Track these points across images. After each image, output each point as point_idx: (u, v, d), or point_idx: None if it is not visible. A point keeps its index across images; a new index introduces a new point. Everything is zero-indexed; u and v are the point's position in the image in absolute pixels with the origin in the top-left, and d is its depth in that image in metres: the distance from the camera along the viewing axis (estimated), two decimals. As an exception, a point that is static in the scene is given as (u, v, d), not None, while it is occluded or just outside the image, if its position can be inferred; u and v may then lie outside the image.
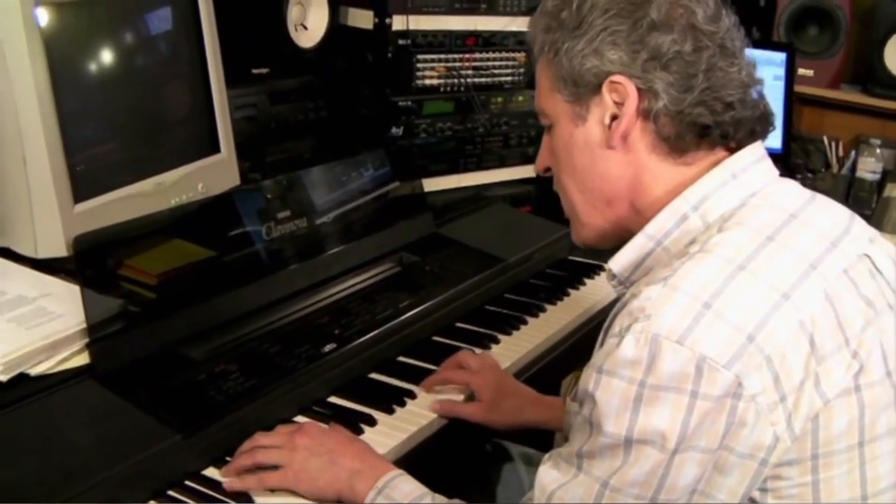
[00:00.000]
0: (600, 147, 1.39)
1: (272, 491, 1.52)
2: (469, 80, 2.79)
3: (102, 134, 1.88)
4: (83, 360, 1.65)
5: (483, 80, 2.83)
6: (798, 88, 3.58)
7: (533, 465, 1.99)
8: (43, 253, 1.81)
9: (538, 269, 2.48)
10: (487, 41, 2.81)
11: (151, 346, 1.70)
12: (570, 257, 2.60)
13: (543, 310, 2.25)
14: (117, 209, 1.85)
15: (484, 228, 2.56)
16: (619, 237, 1.46)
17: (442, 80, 2.74)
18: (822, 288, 1.25)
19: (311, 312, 1.97)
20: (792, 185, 1.41)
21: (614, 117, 1.36)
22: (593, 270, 2.50)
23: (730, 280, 1.21)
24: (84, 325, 1.65)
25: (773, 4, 3.79)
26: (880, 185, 3.53)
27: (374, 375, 1.88)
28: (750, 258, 1.24)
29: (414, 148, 2.67)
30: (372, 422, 1.71)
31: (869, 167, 3.56)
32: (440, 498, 1.48)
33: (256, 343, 1.81)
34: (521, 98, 2.94)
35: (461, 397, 1.85)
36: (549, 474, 1.31)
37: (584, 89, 1.38)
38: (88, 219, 1.79)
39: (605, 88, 1.36)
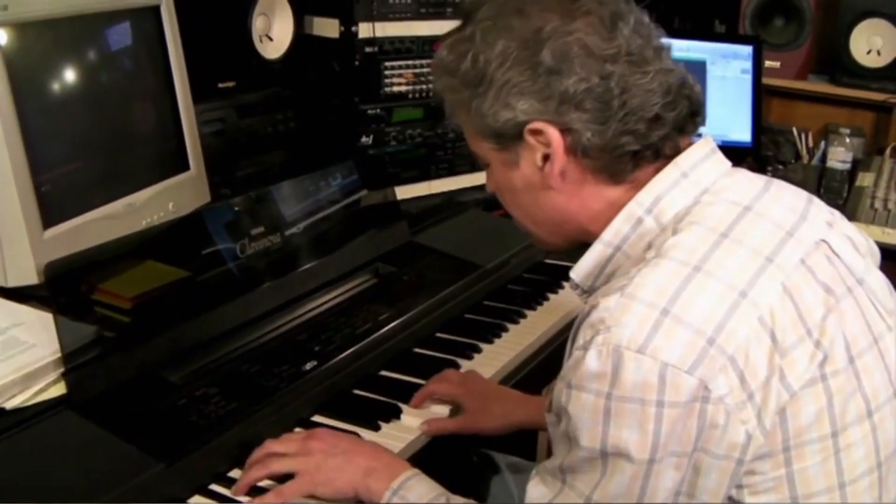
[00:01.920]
0: (540, 188, 1.38)
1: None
2: (438, 85, 2.75)
3: (69, 156, 1.84)
4: (59, 390, 1.61)
5: (452, 84, 2.79)
6: (765, 80, 3.58)
7: (521, 472, 1.97)
8: (13, 281, 1.76)
9: (516, 274, 2.45)
10: (454, 45, 2.77)
11: (129, 372, 1.66)
12: (547, 260, 2.57)
13: (524, 315, 2.22)
14: (88, 233, 1.81)
15: (459, 235, 2.53)
16: (580, 243, 1.45)
17: (410, 87, 2.71)
18: (779, 281, 1.24)
19: (289, 329, 1.93)
20: (745, 176, 1.40)
21: (546, 157, 1.34)
22: (571, 273, 2.47)
23: (686, 283, 1.21)
24: (59, 355, 1.61)
25: (738, -3, 3.79)
26: (851, 174, 3.53)
27: (357, 391, 1.85)
28: (705, 258, 1.23)
29: (385, 156, 2.63)
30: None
31: (839, 157, 3.55)
32: (456, 498, 1.47)
33: (236, 364, 1.78)
34: (490, 101, 2.89)
35: (446, 412, 1.82)
36: (537, 490, 1.32)
37: (506, 138, 1.36)
38: (59, 244, 1.75)
39: (526, 135, 1.34)
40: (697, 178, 1.35)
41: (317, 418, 1.74)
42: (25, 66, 1.72)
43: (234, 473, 1.57)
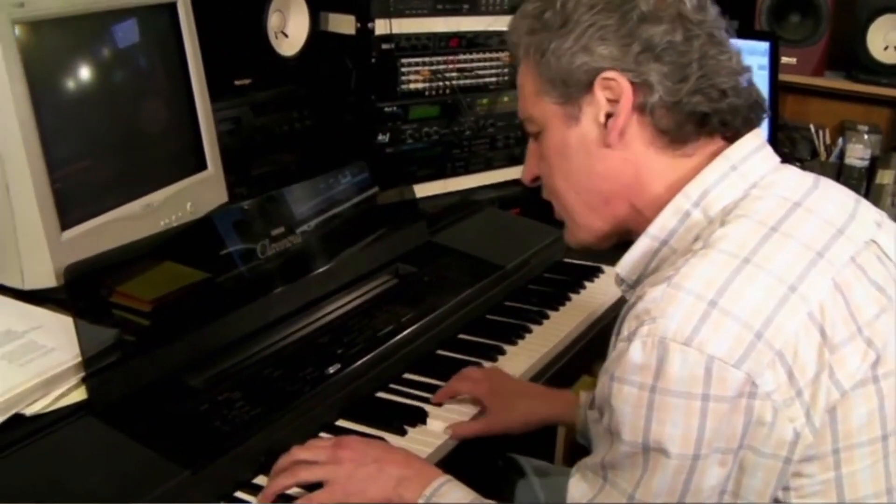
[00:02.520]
0: (597, 146, 1.35)
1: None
2: (454, 82, 2.72)
3: (87, 157, 1.80)
4: (80, 395, 1.57)
5: (468, 81, 2.77)
6: (781, 77, 3.53)
7: (546, 476, 1.93)
8: (31, 284, 1.73)
9: (536, 274, 2.41)
10: (471, 42, 2.76)
11: (150, 377, 1.62)
12: (566, 259, 2.53)
13: (546, 316, 2.18)
14: (106, 234, 1.78)
15: (478, 234, 2.50)
16: (618, 237, 1.44)
17: (427, 84, 2.67)
18: (830, 276, 1.21)
19: (310, 332, 1.89)
20: (794, 172, 1.37)
21: (609, 115, 1.32)
22: (592, 273, 2.44)
23: (734, 275, 1.18)
24: (79, 359, 1.57)
25: (753, -7, 3.76)
26: (869, 171, 3.49)
27: (381, 395, 1.82)
28: (754, 251, 1.20)
29: (401, 154, 2.59)
30: (385, 445, 1.64)
31: (857, 154, 3.51)
32: (490, 502, 1.44)
33: (257, 367, 1.74)
34: (506, 98, 2.87)
35: (471, 413, 1.79)
36: (578, 488, 1.29)
37: (574, 89, 1.33)
38: (77, 246, 1.72)
39: (596, 86, 1.32)
40: (746, 171, 1.32)
41: (341, 423, 1.71)
42: (42, 64, 1.68)
43: (260, 480, 1.53)
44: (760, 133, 1.38)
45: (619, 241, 1.43)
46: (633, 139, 1.33)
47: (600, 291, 2.37)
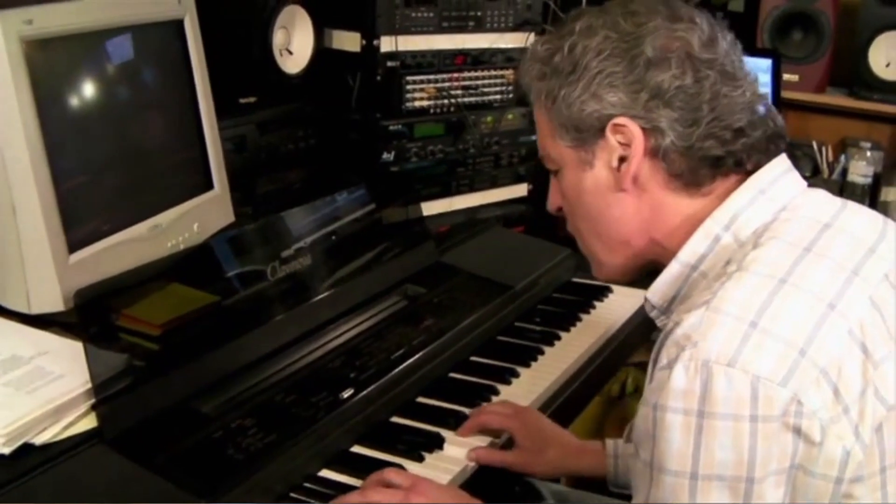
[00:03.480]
0: (611, 190, 1.35)
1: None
2: (459, 99, 2.68)
3: (94, 177, 1.76)
4: (89, 423, 1.53)
5: (473, 99, 2.74)
6: (784, 94, 3.52)
7: (565, 501, 1.90)
8: (37, 308, 1.68)
9: (546, 295, 2.38)
10: (476, 59, 2.72)
11: (161, 403, 1.58)
12: (576, 279, 2.50)
13: (558, 337, 2.15)
14: (113, 256, 1.73)
15: (486, 254, 2.46)
16: (644, 269, 1.44)
17: (432, 102, 2.64)
18: (867, 294, 1.21)
19: (322, 355, 1.85)
20: (821, 195, 1.37)
21: (622, 159, 1.32)
22: (602, 292, 2.41)
23: (773, 296, 1.17)
24: (88, 386, 1.53)
25: (755, 11, 3.74)
26: (872, 188, 3.47)
27: (396, 420, 1.78)
28: (790, 271, 1.20)
29: (409, 173, 2.56)
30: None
31: (860, 171, 3.50)
32: None
33: (270, 393, 1.70)
34: (510, 116, 2.84)
35: (490, 441, 1.74)
36: None
37: (586, 134, 1.34)
38: (84, 269, 1.68)
39: (608, 131, 1.32)
40: (775, 194, 1.31)
41: (357, 449, 1.67)
42: (50, 82, 1.64)
43: (277, 511, 1.49)
44: (785, 158, 1.37)
45: (645, 273, 1.42)
46: (647, 182, 1.33)
47: (611, 311, 2.33)
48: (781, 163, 1.35)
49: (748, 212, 1.30)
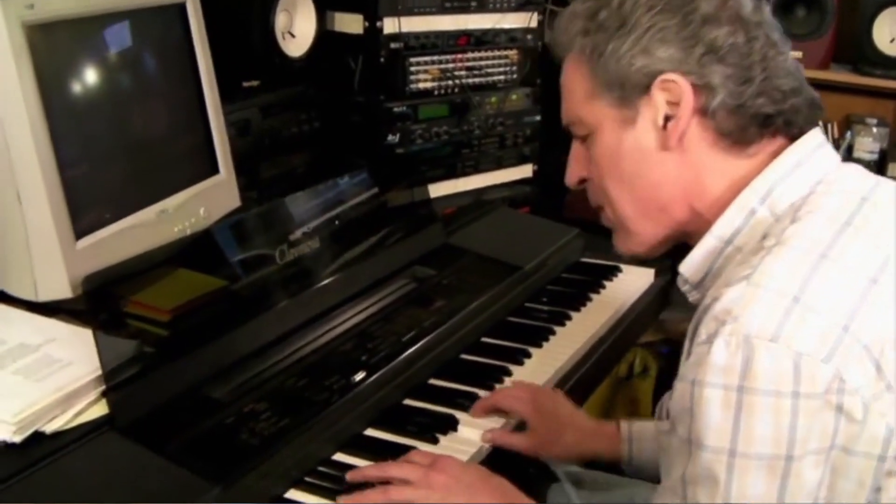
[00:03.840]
0: (654, 150, 1.32)
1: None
2: (463, 80, 2.66)
3: (100, 163, 1.73)
4: (100, 410, 1.51)
5: (476, 80, 2.72)
6: (788, 70, 3.49)
7: (580, 482, 1.89)
8: (44, 296, 1.66)
9: (555, 275, 2.37)
10: (479, 40, 2.69)
11: (172, 389, 1.56)
12: (584, 259, 2.49)
13: (569, 317, 2.13)
14: (121, 243, 1.71)
15: (493, 235, 2.45)
16: (673, 242, 1.41)
17: (436, 83, 2.62)
18: None
19: (332, 339, 1.83)
20: (855, 169, 1.35)
21: (668, 117, 1.29)
22: (611, 272, 2.40)
23: (814, 270, 1.15)
24: (98, 373, 1.51)
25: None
26: (879, 164, 3.45)
27: (409, 402, 1.76)
28: (830, 246, 1.18)
29: (414, 155, 2.54)
30: (417, 455, 1.59)
31: (866, 147, 3.48)
32: None
33: (281, 377, 1.68)
34: (514, 97, 2.82)
35: (504, 423, 1.73)
36: None
37: (631, 91, 1.31)
38: (92, 255, 1.65)
39: (655, 88, 1.29)
40: (811, 167, 1.29)
41: (371, 432, 1.66)
42: (53, 67, 1.62)
43: (292, 494, 1.48)
44: (820, 132, 1.35)
45: (674, 247, 1.40)
46: (693, 142, 1.30)
47: (621, 291, 2.32)
48: (816, 136, 1.33)
49: (784, 184, 1.27)
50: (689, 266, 1.36)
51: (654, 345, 3.34)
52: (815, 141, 1.32)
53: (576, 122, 1.39)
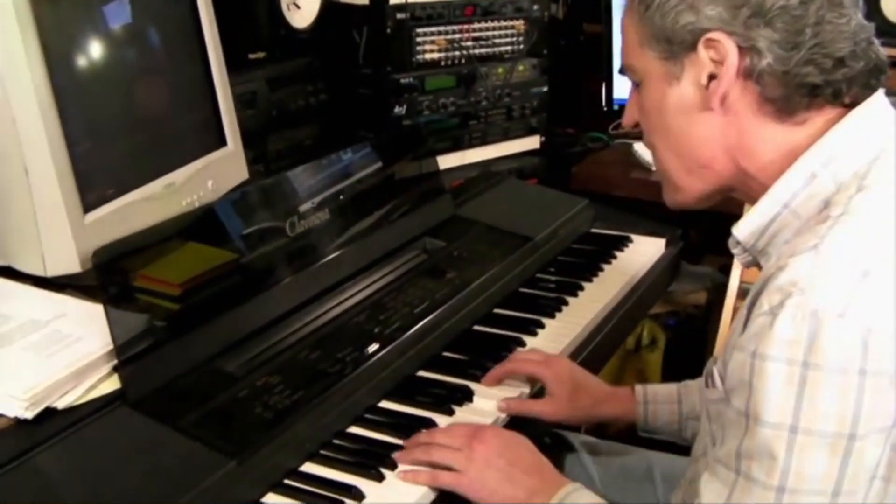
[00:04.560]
0: (696, 109, 1.28)
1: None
2: (470, 51, 2.63)
3: (107, 136, 1.72)
4: (112, 385, 1.49)
5: (483, 51, 2.69)
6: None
7: (598, 453, 1.87)
8: (53, 270, 1.65)
9: (565, 246, 2.34)
10: (486, 10, 2.67)
11: (184, 363, 1.54)
12: (594, 230, 2.47)
13: (581, 288, 2.11)
14: (129, 216, 1.70)
15: (502, 206, 2.42)
16: (719, 196, 1.37)
17: (442, 54, 2.59)
18: None
19: (344, 311, 1.81)
20: None
21: (712, 77, 1.25)
22: (621, 242, 2.37)
23: (884, 244, 1.11)
24: (109, 347, 1.49)
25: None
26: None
27: (423, 374, 1.74)
28: None
29: (421, 126, 2.52)
30: (432, 427, 1.57)
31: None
32: None
33: (294, 350, 1.66)
34: (522, 67, 2.80)
35: (522, 392, 1.71)
36: (710, 488, 1.19)
37: (677, 47, 1.27)
38: (100, 229, 1.64)
39: (700, 46, 1.25)
40: (875, 134, 1.24)
41: (385, 404, 1.64)
42: (59, 40, 1.60)
43: (308, 468, 1.46)
44: (883, 95, 1.29)
45: (720, 203, 1.37)
46: (736, 105, 1.26)
47: (632, 261, 2.30)
48: (880, 100, 1.27)
49: (847, 151, 1.22)
50: (744, 229, 1.31)
51: (661, 317, 3.33)
52: (879, 105, 1.26)
53: (629, 68, 1.36)
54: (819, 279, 1.08)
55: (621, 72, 1.41)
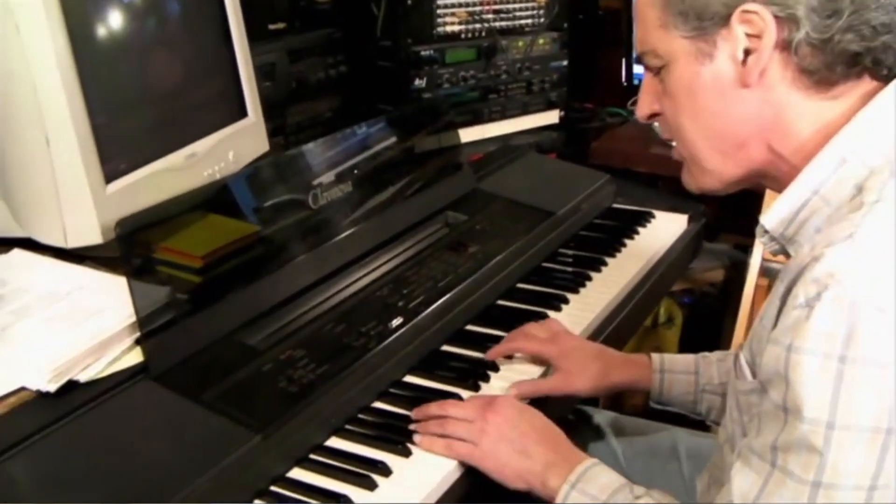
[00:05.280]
0: (732, 86, 1.23)
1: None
2: (490, 24, 2.60)
3: (128, 105, 1.69)
4: (134, 358, 1.47)
5: (504, 24, 2.66)
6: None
7: (620, 427, 1.85)
8: (74, 242, 1.62)
9: (587, 221, 2.32)
10: (507, -18, 2.64)
11: (206, 337, 1.52)
12: (616, 205, 2.44)
13: (605, 263, 2.09)
14: (150, 187, 1.67)
15: (524, 180, 2.39)
16: (748, 182, 1.32)
17: (463, 27, 2.56)
18: None
19: (367, 284, 1.79)
20: None
21: (747, 51, 1.20)
22: (644, 218, 2.35)
23: None
24: (131, 320, 1.47)
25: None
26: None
27: (447, 348, 1.73)
28: None
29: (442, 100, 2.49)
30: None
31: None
32: (638, 489, 1.32)
33: (317, 324, 1.64)
34: (542, 41, 2.77)
35: (537, 373, 1.68)
36: (743, 477, 1.15)
37: (709, 22, 1.21)
38: (121, 200, 1.61)
39: (735, 20, 1.19)
40: None
41: (410, 379, 1.62)
42: (80, 10, 1.56)
43: (333, 442, 1.44)
44: None
45: (748, 187, 1.32)
46: (774, 79, 1.21)
47: (654, 237, 2.27)
48: None
49: (880, 133, 1.17)
50: (773, 218, 1.25)
51: (676, 294, 3.30)
52: None
53: (649, 53, 1.30)
54: (856, 270, 1.04)
55: (638, 60, 1.34)
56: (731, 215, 3.45)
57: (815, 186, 1.20)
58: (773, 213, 1.25)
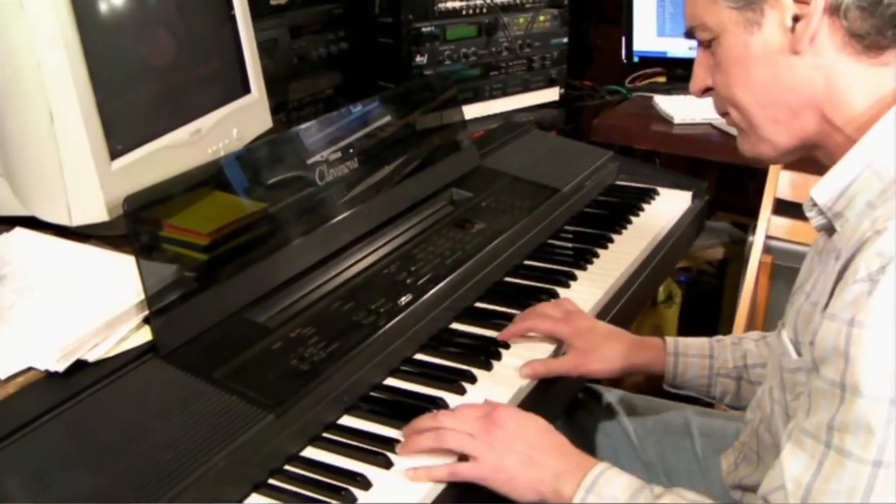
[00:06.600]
0: (783, 54, 1.20)
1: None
2: (491, 0, 2.58)
3: (133, 81, 1.66)
4: (143, 337, 1.45)
5: (504, 0, 2.63)
6: None
7: (631, 406, 1.83)
8: (79, 220, 1.59)
9: (591, 198, 2.30)
10: (508, -43, 2.61)
11: (215, 315, 1.50)
12: (619, 182, 2.43)
13: (611, 240, 2.07)
14: (155, 164, 1.64)
15: (527, 157, 2.37)
16: (802, 152, 1.29)
17: (464, 3, 2.54)
18: None
19: (374, 262, 1.77)
20: None
21: (796, 18, 1.18)
22: (648, 195, 2.34)
23: None
24: (139, 298, 1.45)
25: None
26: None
27: (456, 326, 1.71)
28: None
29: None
30: (473, 379, 1.54)
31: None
32: (657, 488, 1.28)
33: (326, 301, 1.62)
34: (542, 18, 2.75)
35: (548, 351, 1.66)
36: (795, 460, 1.12)
37: None
38: (127, 176, 1.59)
39: None
40: None
41: (421, 356, 1.60)
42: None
43: (346, 420, 1.43)
44: None
45: (801, 158, 1.30)
46: (823, 44, 1.18)
47: (659, 214, 2.26)
48: None
49: None
50: (826, 191, 1.21)
51: (674, 272, 3.29)
52: None
53: (699, 27, 1.28)
54: None
55: (687, 35, 1.33)
56: (728, 193, 3.44)
57: (868, 159, 1.17)
58: (826, 186, 1.21)
